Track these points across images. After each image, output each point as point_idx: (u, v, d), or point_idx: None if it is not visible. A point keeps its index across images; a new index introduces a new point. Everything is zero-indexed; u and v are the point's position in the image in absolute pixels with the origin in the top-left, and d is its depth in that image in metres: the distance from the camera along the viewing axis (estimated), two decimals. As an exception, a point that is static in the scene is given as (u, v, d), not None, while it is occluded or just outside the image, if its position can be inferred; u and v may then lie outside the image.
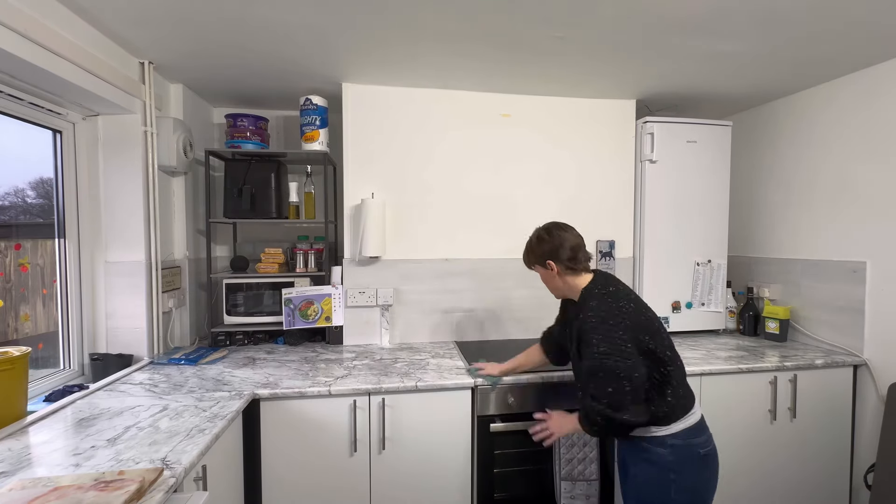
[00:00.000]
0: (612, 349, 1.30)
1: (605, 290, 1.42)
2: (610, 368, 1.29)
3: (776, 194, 2.51)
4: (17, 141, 1.69)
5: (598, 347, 1.31)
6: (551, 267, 1.48)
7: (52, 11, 1.47)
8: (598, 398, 1.31)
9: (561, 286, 1.52)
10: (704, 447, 1.37)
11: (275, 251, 2.36)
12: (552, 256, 1.47)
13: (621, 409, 1.28)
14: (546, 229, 1.53)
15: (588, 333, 1.34)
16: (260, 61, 1.96)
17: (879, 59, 1.96)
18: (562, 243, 1.47)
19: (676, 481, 1.33)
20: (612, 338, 1.31)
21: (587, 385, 1.35)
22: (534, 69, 2.06)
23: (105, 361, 1.86)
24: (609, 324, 1.33)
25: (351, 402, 1.70)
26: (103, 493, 0.94)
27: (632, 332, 1.33)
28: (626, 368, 1.28)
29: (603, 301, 1.38)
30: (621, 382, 1.28)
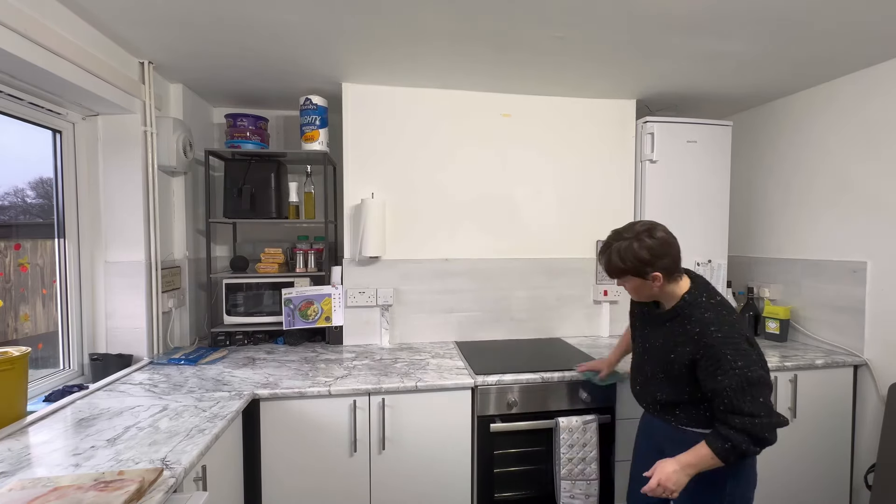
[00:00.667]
0: (747, 361, 1.23)
1: (714, 300, 1.34)
2: (755, 380, 1.22)
3: (776, 194, 2.51)
4: (17, 141, 1.69)
5: (734, 362, 1.23)
6: (656, 279, 1.32)
7: (52, 11, 1.47)
8: (758, 414, 1.20)
9: (657, 294, 1.38)
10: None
11: (275, 251, 2.36)
12: (662, 268, 1.32)
13: (776, 422, 1.21)
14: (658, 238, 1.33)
15: (717, 349, 1.25)
16: (260, 61, 1.96)
17: (879, 59, 1.96)
18: (670, 251, 1.32)
19: (734, 476, 1.30)
20: (742, 351, 1.24)
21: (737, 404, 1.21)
22: (534, 69, 2.06)
23: (105, 361, 1.86)
24: (735, 337, 1.26)
25: (351, 402, 1.70)
26: (103, 493, 0.94)
27: (744, 334, 1.27)
28: (760, 375, 1.23)
29: (718, 314, 1.30)
30: (763, 389, 1.22)
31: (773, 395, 1.30)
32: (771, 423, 1.20)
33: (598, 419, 1.80)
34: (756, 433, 1.20)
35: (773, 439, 1.21)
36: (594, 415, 1.81)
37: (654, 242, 1.31)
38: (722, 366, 1.24)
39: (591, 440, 1.77)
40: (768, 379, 1.24)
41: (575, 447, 1.76)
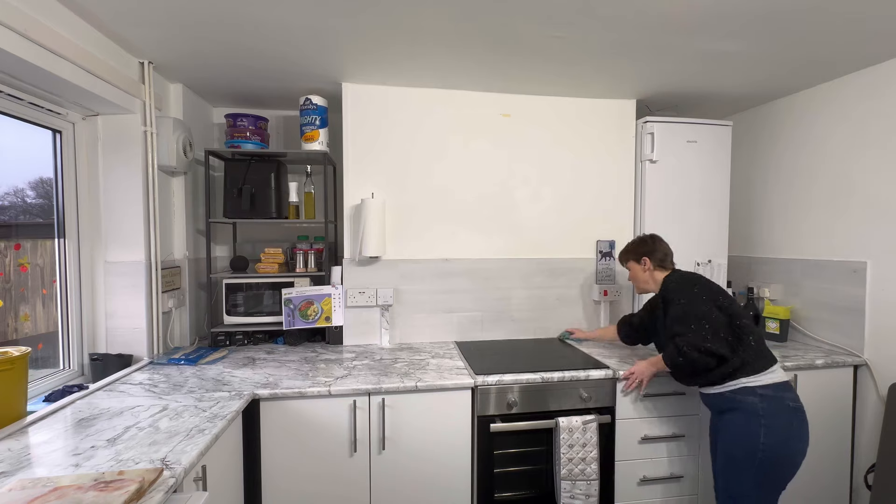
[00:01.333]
0: (690, 299, 1.66)
1: (682, 273, 1.82)
2: (689, 311, 1.63)
3: (776, 194, 2.51)
4: (17, 141, 1.69)
5: (679, 300, 1.68)
6: (644, 262, 1.88)
7: (52, 11, 1.47)
8: (683, 335, 1.60)
9: (648, 279, 1.89)
10: (794, 402, 1.55)
11: (275, 251, 2.36)
12: (650, 255, 1.88)
13: (704, 341, 1.56)
14: (652, 237, 1.95)
15: (671, 294, 1.73)
16: (260, 61, 1.96)
17: (879, 58, 1.96)
18: (660, 248, 1.89)
19: (767, 426, 1.51)
20: (689, 293, 1.68)
21: (672, 328, 1.65)
22: (534, 69, 2.06)
23: (105, 361, 1.86)
24: (686, 284, 1.72)
25: (351, 402, 1.70)
26: (103, 493, 0.94)
27: (707, 291, 1.67)
28: (704, 311, 1.61)
29: (681, 275, 1.80)
30: (700, 322, 1.59)
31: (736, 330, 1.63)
32: (693, 343, 1.57)
33: (598, 419, 1.80)
34: (680, 346, 1.60)
35: (692, 355, 1.57)
36: (594, 415, 1.81)
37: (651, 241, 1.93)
38: (671, 305, 1.70)
39: (591, 440, 1.77)
40: (707, 314, 1.60)
41: (575, 447, 1.76)
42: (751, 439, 1.53)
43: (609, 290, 2.46)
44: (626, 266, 1.98)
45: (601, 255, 2.47)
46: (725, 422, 1.63)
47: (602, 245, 2.48)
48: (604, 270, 2.48)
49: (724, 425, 1.63)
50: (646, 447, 1.91)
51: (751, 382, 1.56)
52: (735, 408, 1.59)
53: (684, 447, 1.95)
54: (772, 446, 1.51)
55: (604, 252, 2.47)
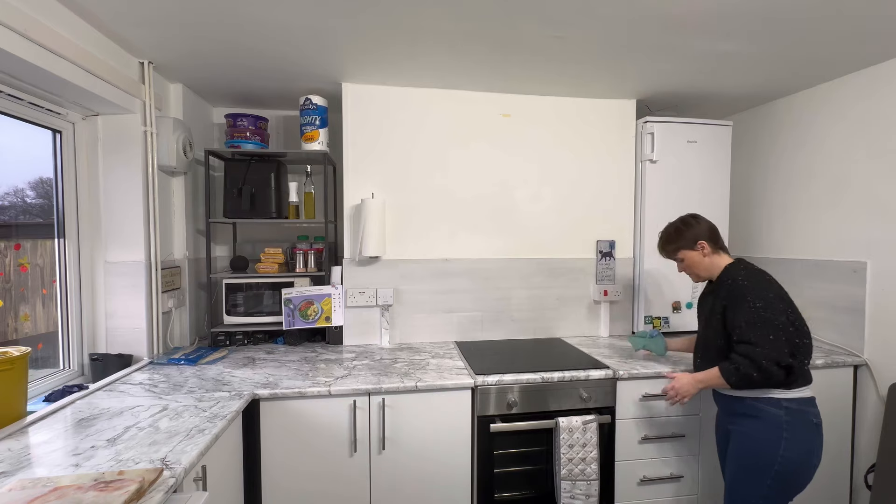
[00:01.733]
0: (767, 305, 1.46)
1: (751, 267, 1.59)
2: (769, 320, 1.44)
3: (776, 194, 2.51)
4: (17, 141, 1.69)
5: (754, 303, 1.47)
6: (702, 247, 1.64)
7: (52, 11, 1.47)
8: (761, 345, 1.43)
9: (708, 265, 1.65)
10: (817, 418, 1.50)
11: (275, 251, 2.36)
12: (703, 237, 1.65)
13: (783, 356, 1.42)
14: (692, 216, 1.73)
15: (742, 293, 1.50)
16: (260, 61, 1.96)
17: (879, 59, 1.96)
18: (707, 226, 1.67)
19: (788, 439, 1.44)
20: (765, 297, 1.48)
21: (746, 335, 1.46)
22: (534, 69, 2.06)
23: (105, 361, 1.86)
24: (761, 286, 1.51)
25: (351, 402, 1.70)
26: (103, 493, 0.94)
27: (781, 299, 1.51)
28: (783, 322, 1.45)
29: (751, 271, 1.56)
30: (779, 333, 1.44)
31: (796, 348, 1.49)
32: (772, 356, 1.40)
33: (598, 419, 1.80)
34: (756, 359, 1.42)
35: (771, 370, 1.41)
36: (594, 415, 1.81)
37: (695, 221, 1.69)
38: (742, 305, 1.49)
39: (591, 440, 1.77)
40: (785, 326, 1.44)
41: (575, 447, 1.76)
42: (770, 450, 1.47)
43: (609, 290, 2.46)
44: (678, 257, 1.71)
45: (601, 255, 2.47)
46: (742, 426, 1.54)
47: (602, 245, 2.48)
48: (604, 270, 2.48)
49: (740, 430, 1.54)
50: (646, 447, 1.91)
51: (779, 395, 1.48)
52: (756, 416, 1.50)
53: (684, 447, 1.95)
54: (791, 459, 1.45)
55: (604, 252, 2.47)
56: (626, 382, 1.89)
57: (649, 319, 2.43)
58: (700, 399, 1.94)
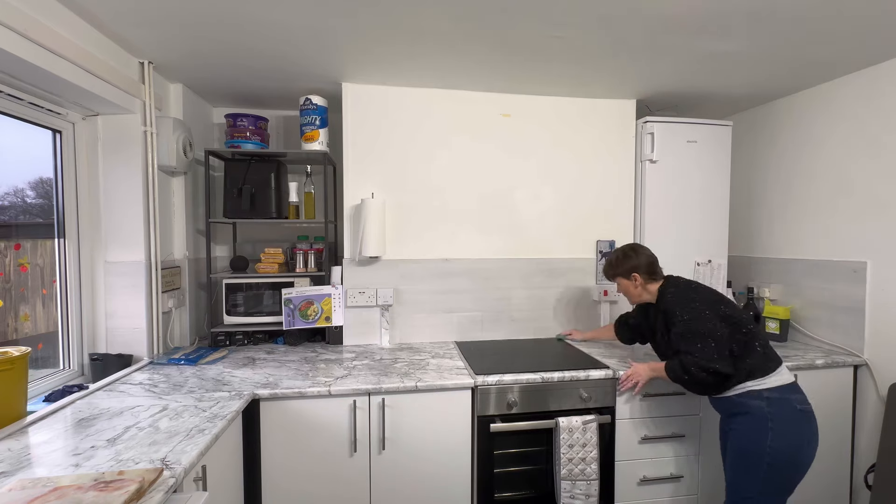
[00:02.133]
0: (693, 315, 1.63)
1: (678, 282, 1.77)
2: (695, 330, 1.61)
3: (776, 194, 2.51)
4: (17, 141, 1.69)
5: (682, 317, 1.65)
6: (635, 279, 1.81)
7: (52, 11, 1.47)
8: (689, 353, 1.60)
9: (641, 293, 1.83)
10: (802, 404, 1.55)
11: (275, 251, 2.36)
12: (637, 270, 1.81)
13: (711, 361, 1.56)
14: (631, 247, 1.89)
15: (672, 308, 1.69)
16: (260, 61, 1.96)
17: (879, 59, 1.96)
18: (645, 259, 1.82)
19: (774, 429, 1.51)
20: (691, 308, 1.65)
21: (679, 346, 1.64)
22: (534, 69, 2.06)
23: (105, 361, 1.86)
24: (687, 298, 1.68)
25: (351, 402, 1.70)
26: (103, 493, 0.94)
27: (707, 303, 1.65)
28: (709, 328, 1.59)
29: (678, 287, 1.74)
30: (706, 340, 1.58)
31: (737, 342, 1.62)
32: (699, 363, 1.57)
33: (598, 419, 1.80)
34: (686, 365, 1.60)
35: (699, 375, 1.57)
36: (594, 415, 1.81)
37: (634, 254, 1.84)
38: (673, 319, 1.67)
39: (591, 440, 1.77)
40: (712, 332, 1.59)
41: (575, 447, 1.76)
42: (758, 442, 1.52)
43: (609, 290, 2.46)
44: (614, 281, 1.91)
45: (601, 255, 2.47)
46: (734, 424, 1.62)
47: (602, 245, 2.48)
48: (604, 270, 2.48)
49: (732, 428, 1.62)
50: (646, 447, 1.91)
51: (756, 386, 1.56)
52: (743, 412, 1.58)
53: (684, 447, 1.95)
54: (779, 449, 1.50)
55: (604, 252, 2.47)
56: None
57: None
58: (700, 399, 1.94)
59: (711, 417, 1.96)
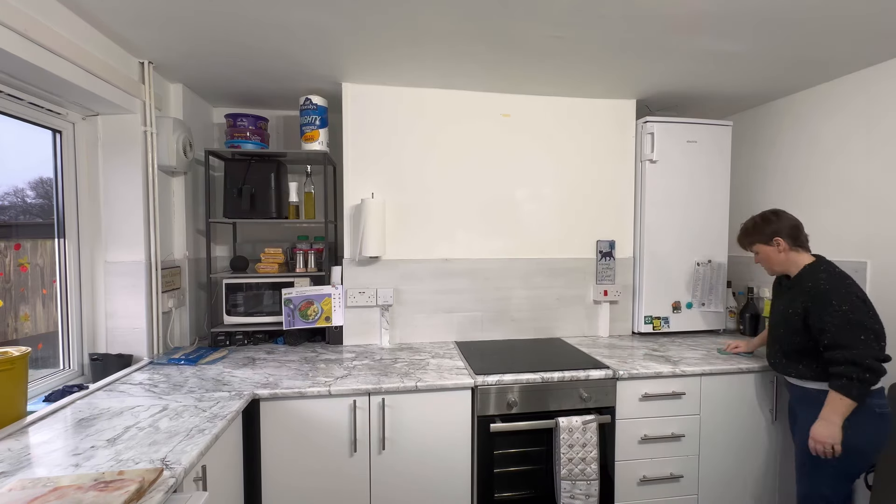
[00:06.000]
0: (853, 307, 1.50)
1: (832, 269, 1.63)
2: (857, 321, 1.49)
3: (776, 194, 2.51)
4: (17, 141, 1.69)
5: (840, 307, 1.51)
6: (777, 243, 1.69)
7: (52, 11, 1.47)
8: (856, 346, 1.47)
9: (783, 261, 1.71)
10: (881, 408, 1.54)
11: (275, 251, 2.36)
12: (779, 234, 1.69)
13: (876, 355, 1.47)
14: (773, 211, 1.76)
15: (826, 296, 1.54)
16: (260, 61, 1.96)
17: (879, 58, 1.96)
18: (787, 223, 1.70)
19: (850, 430, 1.51)
20: (850, 300, 1.52)
21: (836, 338, 1.51)
22: (534, 69, 2.06)
23: (105, 361, 1.86)
24: (844, 288, 1.54)
25: (351, 402, 1.70)
26: (103, 493, 0.94)
27: (864, 301, 1.53)
28: (869, 323, 1.49)
29: (832, 274, 1.60)
30: (868, 333, 1.48)
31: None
32: (870, 352, 1.45)
33: (598, 419, 1.80)
34: (859, 361, 1.45)
35: (875, 367, 1.45)
36: (594, 415, 1.81)
37: (775, 217, 1.72)
38: (827, 308, 1.53)
39: (591, 440, 1.77)
40: (874, 326, 1.49)
41: (575, 447, 1.76)
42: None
43: (609, 290, 2.46)
44: (753, 250, 1.79)
45: (601, 255, 2.47)
46: (807, 413, 1.63)
47: (602, 245, 2.48)
48: (604, 270, 2.48)
49: (805, 417, 1.64)
50: (646, 447, 1.91)
51: None
52: (818, 404, 1.58)
53: (684, 447, 1.95)
54: (852, 446, 1.52)
55: (604, 252, 2.47)
56: (626, 382, 1.89)
57: (649, 319, 2.43)
58: (700, 399, 1.94)
59: (711, 417, 1.96)
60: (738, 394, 1.98)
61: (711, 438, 1.96)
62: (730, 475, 1.99)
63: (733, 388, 1.97)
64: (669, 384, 1.92)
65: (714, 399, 1.95)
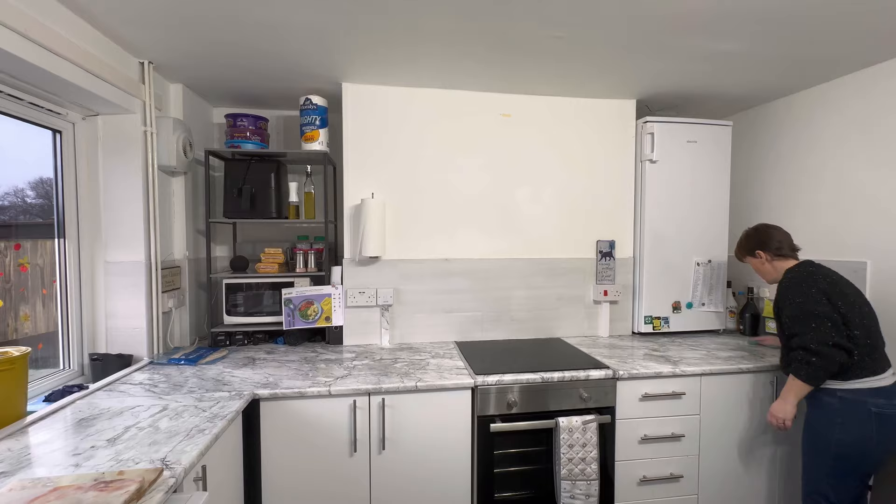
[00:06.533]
0: (807, 298, 1.62)
1: (804, 268, 1.74)
2: (808, 311, 1.60)
3: (776, 194, 2.51)
4: (17, 141, 1.69)
5: (794, 299, 1.65)
6: (759, 255, 1.85)
7: (52, 11, 1.47)
8: (803, 334, 1.60)
9: (769, 271, 1.85)
10: (879, 407, 1.57)
11: (275, 251, 2.36)
12: (761, 247, 1.85)
13: (831, 337, 1.55)
14: (761, 225, 1.92)
15: (785, 291, 1.70)
16: (260, 61, 1.96)
17: (879, 58, 1.96)
18: (767, 236, 1.85)
19: (842, 424, 1.59)
20: (806, 293, 1.63)
21: (791, 328, 1.65)
22: (534, 69, 2.06)
23: (105, 361, 1.86)
24: (803, 284, 1.66)
25: (351, 402, 1.70)
26: (103, 493, 0.94)
27: (825, 294, 1.62)
28: (823, 311, 1.58)
29: (798, 272, 1.73)
30: (822, 320, 1.57)
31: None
32: (819, 339, 1.55)
33: (598, 419, 1.80)
34: (806, 345, 1.57)
35: (824, 351, 1.54)
36: (594, 415, 1.81)
37: (755, 232, 1.89)
38: (786, 302, 1.68)
39: (591, 440, 1.77)
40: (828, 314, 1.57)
41: (575, 447, 1.76)
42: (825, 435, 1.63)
43: (609, 290, 2.46)
44: (746, 262, 1.96)
45: (601, 255, 2.47)
46: (807, 415, 1.72)
47: (602, 245, 2.48)
48: (604, 270, 2.48)
49: (805, 417, 1.72)
50: (646, 447, 1.91)
51: (834, 385, 1.62)
52: (814, 405, 1.68)
53: (684, 447, 1.95)
54: (846, 443, 1.58)
55: (604, 252, 2.47)
56: (626, 382, 1.89)
57: (649, 319, 2.43)
58: (700, 399, 1.94)
59: (711, 417, 1.96)
60: (738, 394, 1.97)
61: (711, 438, 1.96)
62: (730, 475, 1.99)
63: (733, 388, 1.97)
64: (669, 384, 1.92)
65: (714, 399, 1.95)
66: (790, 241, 1.85)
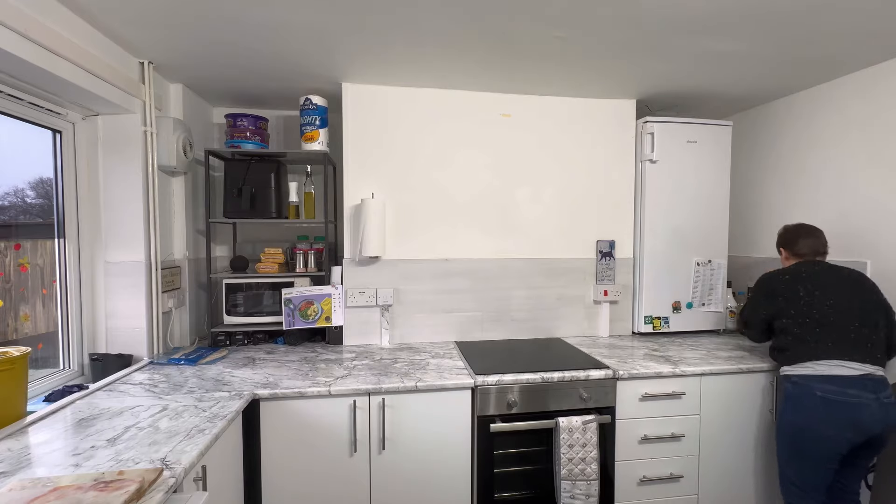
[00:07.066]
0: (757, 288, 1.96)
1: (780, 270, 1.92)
2: (751, 298, 2.00)
3: (776, 194, 2.51)
4: (17, 141, 1.69)
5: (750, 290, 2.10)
6: (780, 252, 2.03)
7: (52, 11, 1.47)
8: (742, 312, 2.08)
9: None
10: (826, 392, 1.65)
11: (275, 251, 2.36)
12: (781, 244, 2.02)
13: (744, 318, 2.03)
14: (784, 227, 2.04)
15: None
16: (260, 61, 1.96)
17: (879, 58, 1.96)
18: (787, 237, 1.99)
19: (790, 408, 1.73)
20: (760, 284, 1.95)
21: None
22: (534, 69, 2.06)
23: (105, 361, 1.86)
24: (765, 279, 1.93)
25: (351, 402, 1.70)
26: (103, 493, 0.94)
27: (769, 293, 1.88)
28: (760, 300, 1.92)
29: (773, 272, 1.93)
30: (754, 306, 1.95)
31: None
32: (741, 318, 2.11)
33: (598, 419, 1.80)
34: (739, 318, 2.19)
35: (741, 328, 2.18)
36: (594, 415, 1.81)
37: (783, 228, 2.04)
38: None
39: (591, 440, 1.77)
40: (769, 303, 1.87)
41: (575, 447, 1.76)
42: (780, 417, 1.80)
43: (609, 290, 2.46)
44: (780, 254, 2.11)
45: (601, 255, 2.47)
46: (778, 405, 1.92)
47: (602, 245, 2.48)
48: (604, 270, 2.48)
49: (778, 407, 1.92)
50: (646, 447, 1.91)
51: (787, 371, 1.78)
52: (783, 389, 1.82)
53: (684, 447, 1.95)
54: (791, 423, 1.72)
55: (604, 252, 2.47)
56: (626, 382, 1.89)
57: (649, 319, 2.43)
58: (700, 399, 1.94)
59: (711, 417, 1.96)
60: (738, 394, 1.97)
61: (711, 438, 1.96)
62: (730, 475, 1.99)
63: (733, 388, 1.97)
64: (669, 384, 1.92)
65: (714, 399, 1.95)
66: (817, 247, 1.92)
